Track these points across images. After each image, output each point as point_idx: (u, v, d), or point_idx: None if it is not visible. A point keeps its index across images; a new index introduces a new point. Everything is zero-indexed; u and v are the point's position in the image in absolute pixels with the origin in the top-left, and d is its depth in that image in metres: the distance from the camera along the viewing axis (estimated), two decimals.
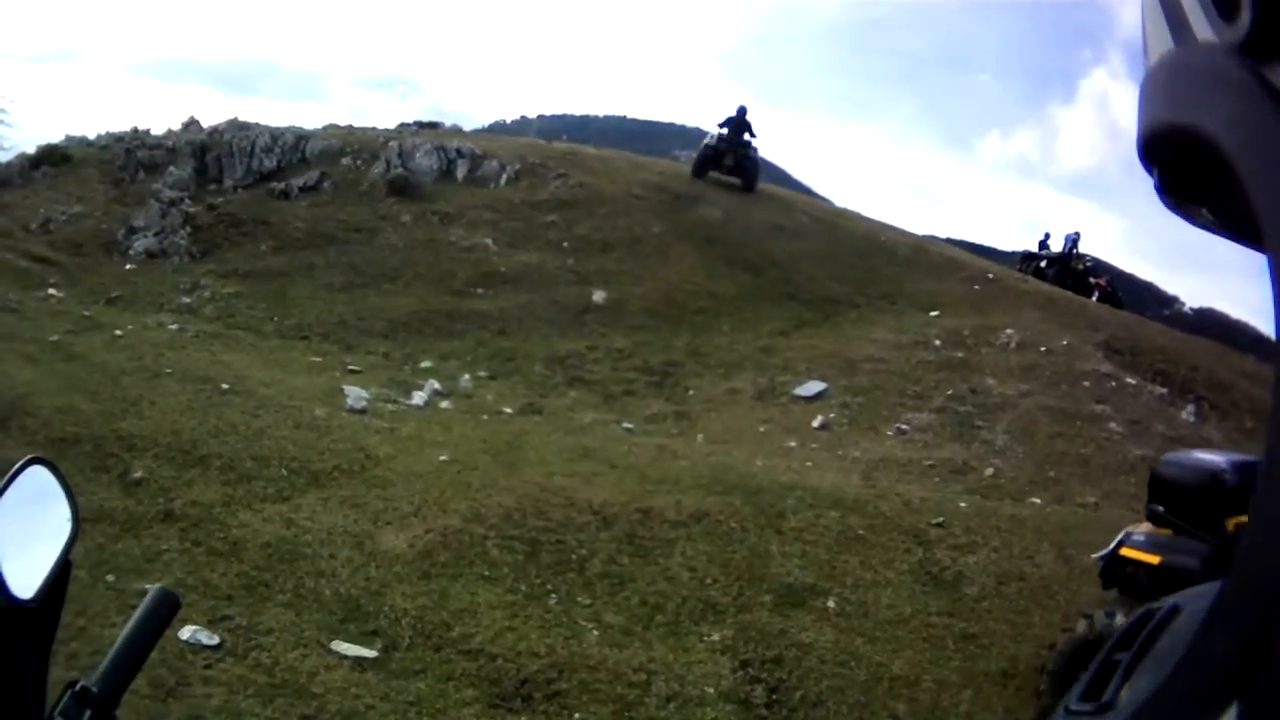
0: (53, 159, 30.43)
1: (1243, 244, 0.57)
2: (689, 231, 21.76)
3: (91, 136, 35.72)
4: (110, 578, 6.93)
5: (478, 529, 8.49)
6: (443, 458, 9.88)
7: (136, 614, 1.32)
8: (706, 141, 26.50)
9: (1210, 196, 0.59)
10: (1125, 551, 6.69)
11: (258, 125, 26.99)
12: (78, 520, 1.31)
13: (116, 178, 27.24)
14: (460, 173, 23.87)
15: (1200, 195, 0.60)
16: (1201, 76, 0.55)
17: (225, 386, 11.60)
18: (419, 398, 12.54)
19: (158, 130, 31.57)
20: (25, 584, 1.15)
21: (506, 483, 9.53)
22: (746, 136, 25.98)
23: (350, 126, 28.94)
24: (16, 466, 1.25)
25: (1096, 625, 6.32)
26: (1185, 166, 0.58)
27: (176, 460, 9.20)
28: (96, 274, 19.96)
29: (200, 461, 9.21)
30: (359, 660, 6.57)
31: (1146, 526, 6.75)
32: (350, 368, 13.95)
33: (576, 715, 6.52)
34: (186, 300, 18.25)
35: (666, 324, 17.54)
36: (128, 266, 20.57)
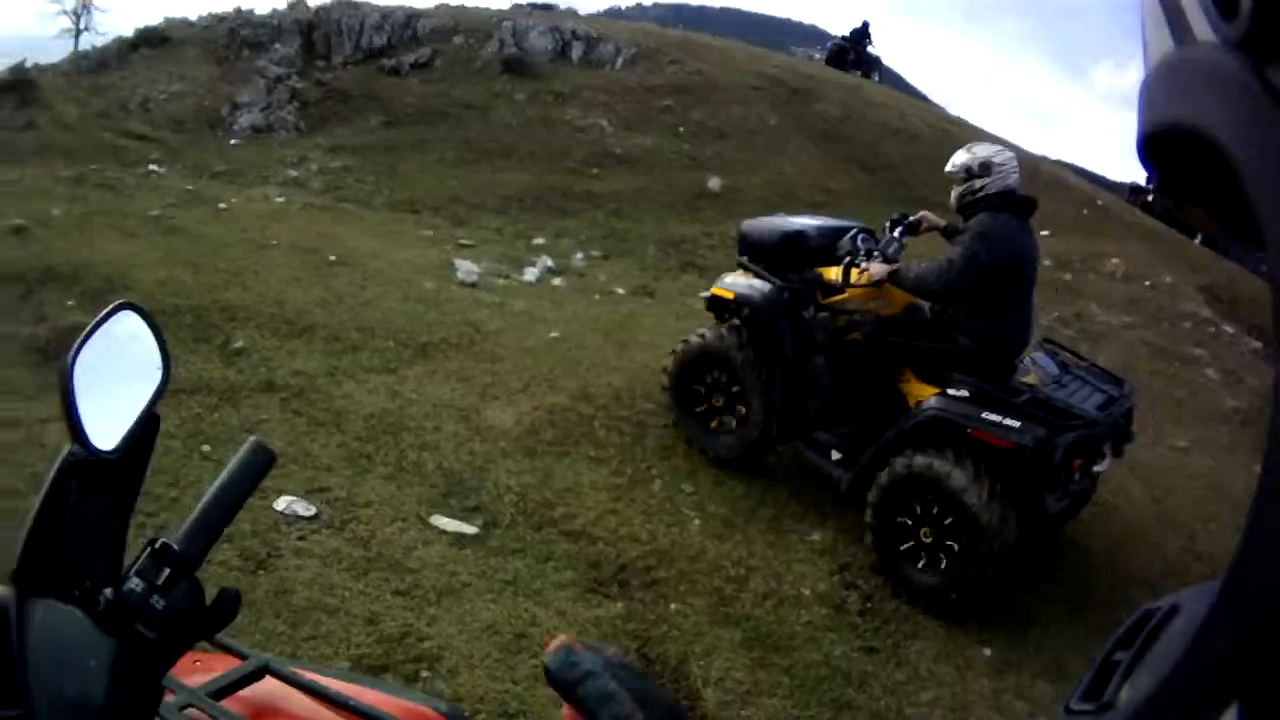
0: (152, 41, 30.79)
1: (1243, 244, 0.59)
2: (806, 126, 21.48)
3: (193, 18, 36.16)
4: (206, 448, 6.92)
5: (585, 408, 8.43)
6: (553, 335, 9.84)
7: (228, 467, 1.30)
8: (835, 41, 31.42)
9: (1210, 196, 0.58)
10: (715, 290, 8.27)
11: (367, 4, 26.97)
12: (168, 370, 1.30)
13: (220, 56, 27.54)
14: (575, 54, 23.73)
15: (1200, 195, 0.60)
16: (1201, 76, 0.54)
17: (332, 258, 11.62)
18: (531, 274, 12.42)
19: (262, 10, 31.81)
20: (107, 434, 1.13)
21: (616, 363, 9.48)
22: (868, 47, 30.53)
23: (462, 5, 28.82)
24: (105, 311, 1.21)
25: (693, 341, 8.16)
26: (1185, 166, 0.58)
27: (280, 331, 9.22)
28: (199, 150, 20.24)
29: (304, 332, 9.22)
30: (458, 536, 6.52)
31: (737, 273, 8.28)
32: (461, 242, 13.91)
33: (673, 605, 6.40)
34: (293, 174, 18.37)
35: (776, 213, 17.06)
36: (232, 142, 20.89)
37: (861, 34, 31.26)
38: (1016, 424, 6.56)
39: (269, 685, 1.58)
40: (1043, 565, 7.61)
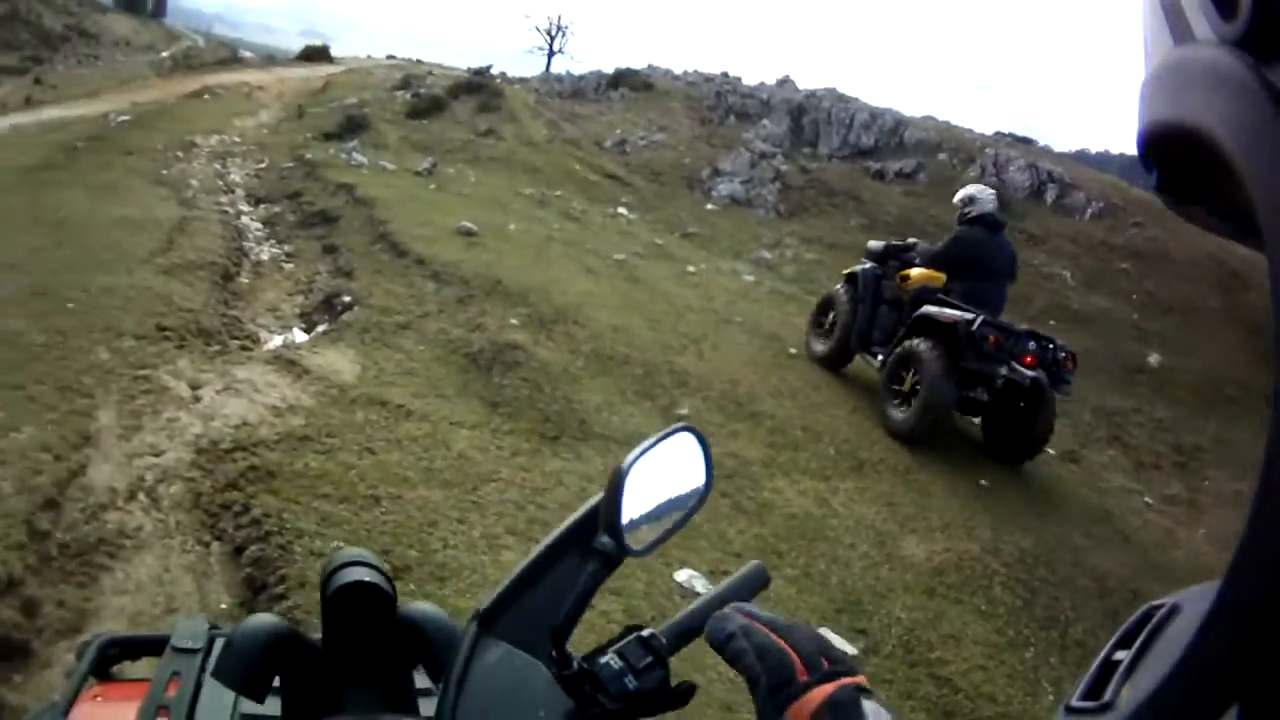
0: (633, 84, 32.00)
1: (1243, 244, 0.58)
2: (1243, 313, 20.52)
3: (678, 71, 37.26)
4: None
5: (993, 562, 8.37)
6: (982, 481, 9.78)
7: (727, 580, 1.40)
8: None
9: (1210, 196, 0.60)
10: (847, 271, 12.70)
11: (856, 100, 27.38)
12: (708, 491, 1.35)
13: (704, 117, 28.29)
14: (1049, 196, 23.51)
15: (1200, 195, 0.61)
16: (1201, 76, 0.55)
17: (792, 351, 11.89)
18: (979, 420, 12.11)
19: (750, 80, 32.49)
20: (639, 538, 1.21)
21: (1030, 524, 9.34)
22: None
23: (949, 123, 28.91)
24: (669, 429, 1.29)
25: (825, 292, 13.01)
26: (1185, 166, 0.59)
27: (727, 410, 9.44)
28: (674, 206, 21.00)
29: (751, 418, 9.41)
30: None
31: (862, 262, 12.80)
32: None
33: None
34: (766, 255, 18.76)
35: (1201, 404, 16.66)
36: (708, 206, 21.51)
37: None
38: (958, 313, 10.54)
39: None
40: None
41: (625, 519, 1.19)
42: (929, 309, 10.85)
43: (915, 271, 11.76)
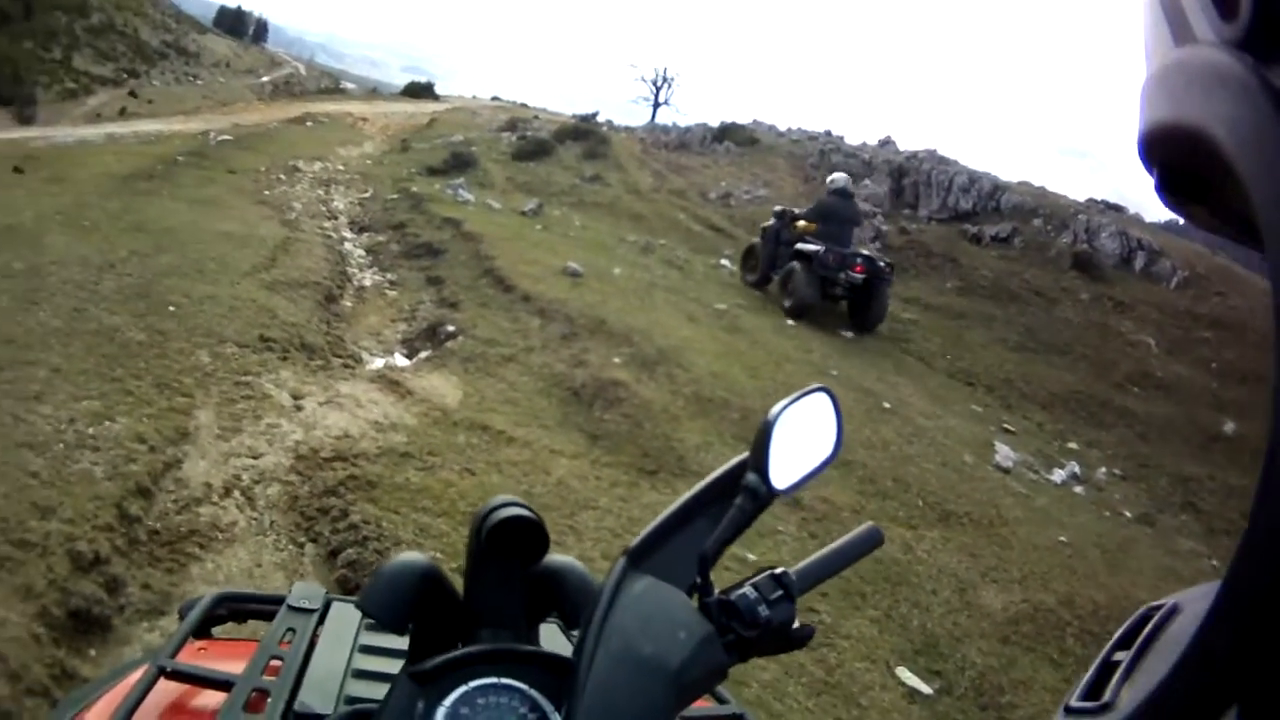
0: (738, 139, 32.23)
1: (1242, 244, 0.59)
2: None
3: (782, 128, 37.38)
4: (750, 555, 7.20)
5: (1065, 612, 8.35)
6: (1061, 538, 9.79)
7: (846, 536, 1.43)
8: None
9: (1210, 196, 0.60)
10: (763, 226, 18.99)
11: (956, 163, 27.35)
12: (839, 445, 1.41)
13: (808, 175, 28.47)
14: (1138, 264, 23.37)
15: (1200, 195, 0.61)
16: (1201, 76, 0.55)
17: (886, 405, 11.98)
18: (1058, 475, 12.32)
19: (852, 139, 32.59)
20: (781, 479, 1.27)
21: (1106, 580, 9.31)
22: None
23: (1044, 188, 28.80)
24: (808, 389, 1.37)
25: (748, 243, 20.32)
26: (1185, 166, 0.59)
27: None
28: None
29: (843, 466, 9.45)
30: (913, 691, 6.60)
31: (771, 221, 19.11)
32: (1005, 426, 13.96)
33: None
34: None
35: None
36: None
37: None
38: (815, 246, 16.86)
39: None
40: None
41: (771, 462, 1.26)
42: (800, 245, 17.40)
43: (800, 223, 18.00)
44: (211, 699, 1.52)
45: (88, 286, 10.02)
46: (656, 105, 69.60)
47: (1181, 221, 0.58)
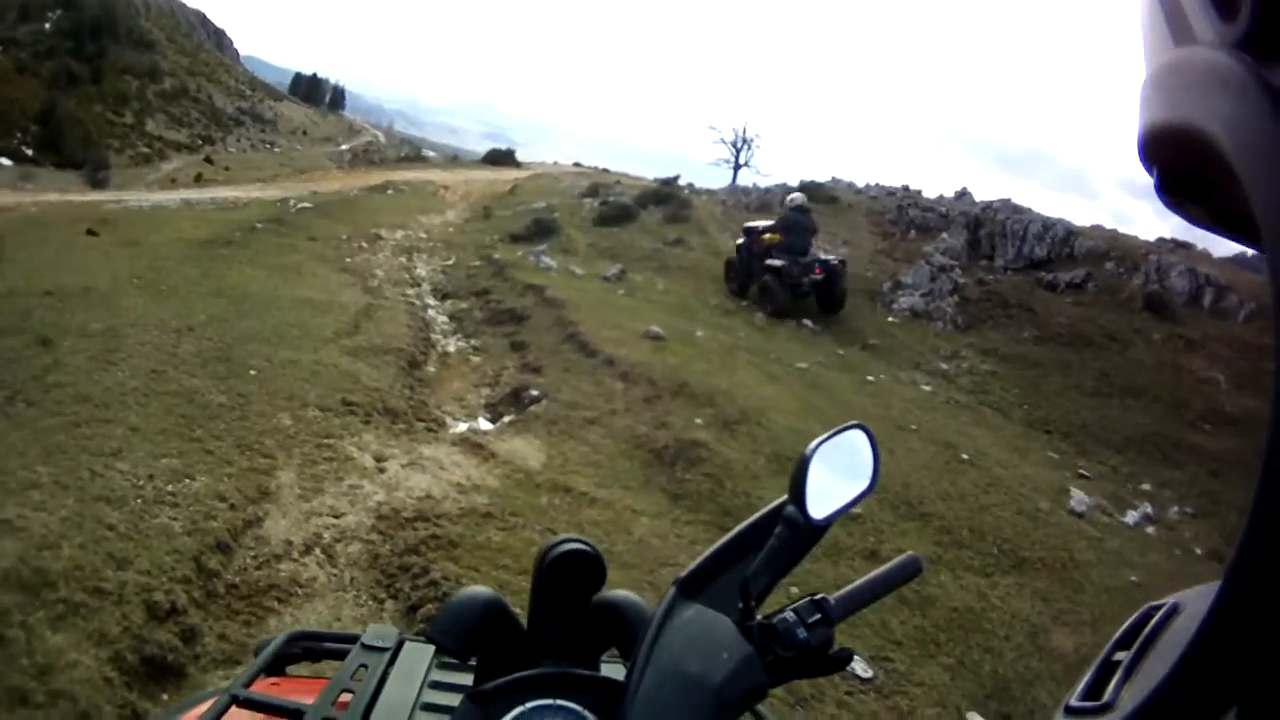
0: (817, 197, 32.08)
1: (1242, 244, 0.59)
2: None
3: (859, 184, 37.41)
4: (794, 590, 7.27)
5: None
6: (1133, 578, 9.67)
7: (886, 566, 1.49)
8: None
9: (1210, 196, 0.59)
10: (737, 242, 22.97)
11: (1030, 211, 26.99)
12: (876, 478, 1.48)
13: (886, 231, 28.38)
14: (1207, 300, 22.90)
15: (1200, 195, 0.61)
16: (1201, 76, 0.55)
17: (965, 456, 11.89)
18: (1131, 517, 12.20)
19: (929, 193, 32.55)
20: (820, 509, 1.32)
21: None
22: None
23: (1115, 231, 28.53)
24: (843, 426, 1.43)
25: (728, 258, 23.32)
26: (1185, 166, 0.59)
27: (899, 510, 9.53)
28: (856, 317, 21.26)
29: (920, 518, 9.51)
30: None
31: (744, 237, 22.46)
32: (1080, 471, 13.74)
33: None
34: (944, 366, 18.99)
35: None
36: (889, 319, 21.74)
37: None
38: (780, 261, 20.40)
39: None
40: None
41: (808, 494, 1.31)
42: (769, 260, 20.66)
43: (767, 236, 21.30)
44: None
45: (166, 349, 10.31)
46: (737, 167, 69.30)
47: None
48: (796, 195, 23.75)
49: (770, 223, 22.53)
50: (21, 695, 4.50)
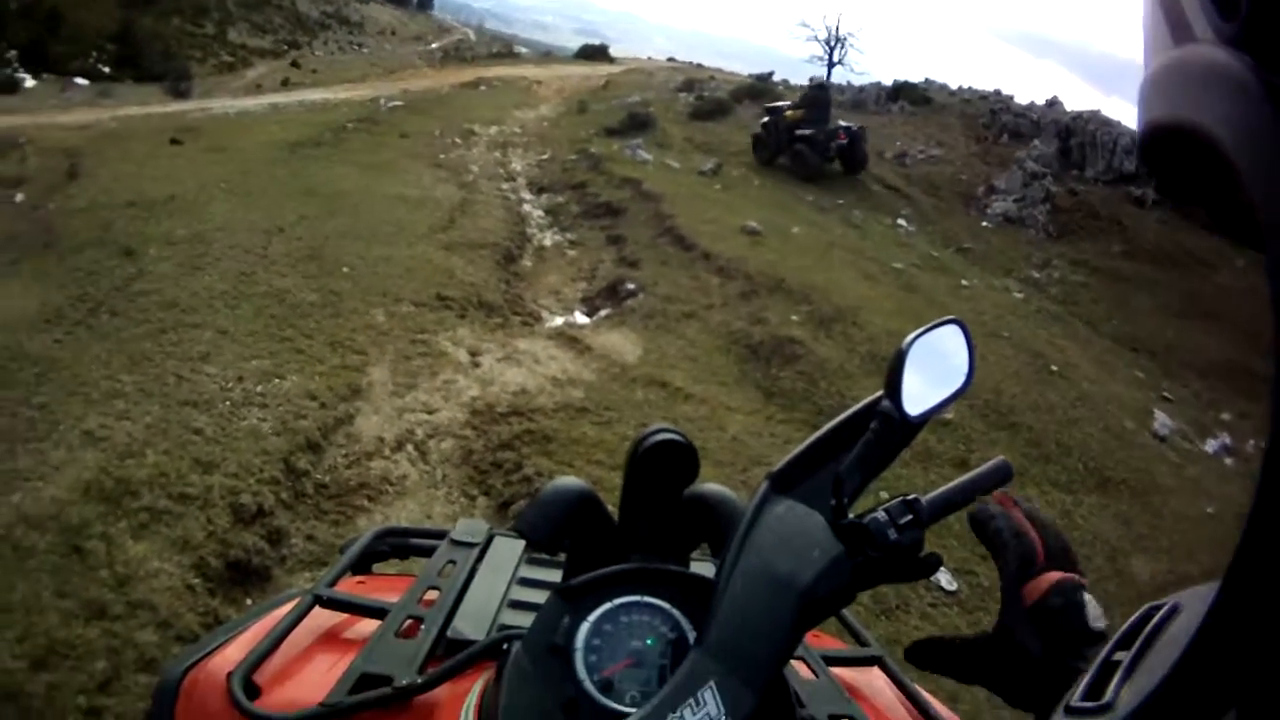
0: (913, 98, 31.79)
1: (1242, 243, 0.57)
2: None
3: (952, 86, 36.87)
4: (883, 494, 7.19)
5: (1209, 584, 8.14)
6: (1209, 510, 9.49)
7: (976, 470, 1.38)
8: None
9: (1210, 196, 0.59)
10: (761, 121, 24.60)
11: (1119, 124, 26.49)
12: (970, 376, 1.39)
13: (979, 134, 27.96)
14: None
15: (1200, 195, 0.60)
16: (1201, 76, 0.54)
17: (1054, 368, 11.70)
18: (1211, 445, 11.96)
19: (1020, 99, 32.05)
20: (914, 405, 1.26)
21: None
22: None
23: None
24: (941, 320, 1.34)
25: (756, 131, 24.93)
26: (1185, 166, 0.59)
27: (989, 418, 9.44)
28: (950, 221, 21.25)
29: (1010, 427, 9.42)
30: None
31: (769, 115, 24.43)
32: (1164, 393, 13.58)
33: None
34: (1035, 275, 18.82)
35: None
36: (983, 224, 21.68)
37: None
38: (809, 130, 22.71)
39: (872, 676, 1.72)
40: None
41: (904, 388, 1.25)
42: (798, 131, 22.75)
43: (790, 113, 23.36)
44: (366, 627, 1.52)
45: (255, 251, 10.45)
46: (831, 65, 67.82)
47: None
48: (817, 78, 28.84)
49: (789, 103, 25.10)
50: (100, 608, 4.56)
